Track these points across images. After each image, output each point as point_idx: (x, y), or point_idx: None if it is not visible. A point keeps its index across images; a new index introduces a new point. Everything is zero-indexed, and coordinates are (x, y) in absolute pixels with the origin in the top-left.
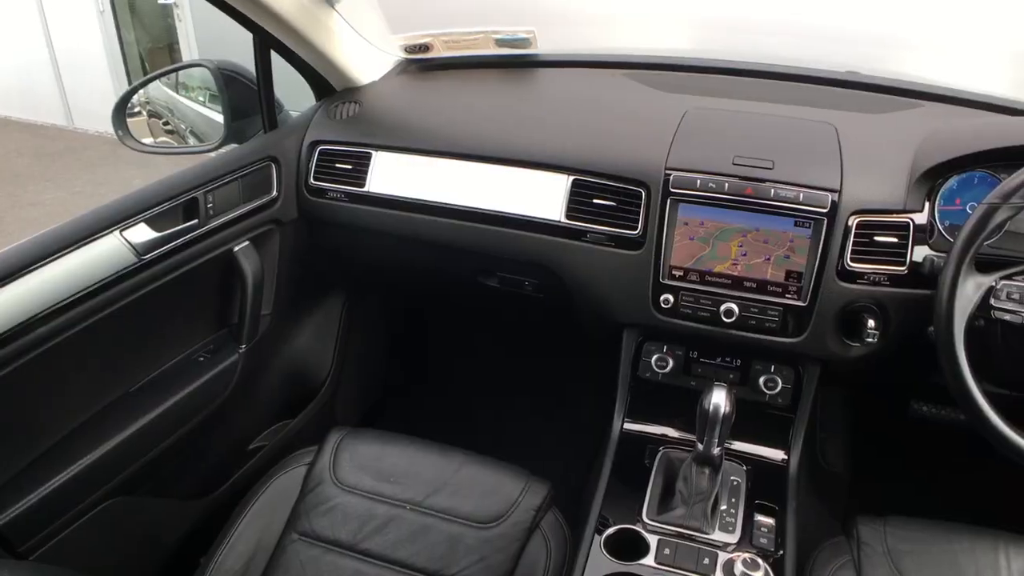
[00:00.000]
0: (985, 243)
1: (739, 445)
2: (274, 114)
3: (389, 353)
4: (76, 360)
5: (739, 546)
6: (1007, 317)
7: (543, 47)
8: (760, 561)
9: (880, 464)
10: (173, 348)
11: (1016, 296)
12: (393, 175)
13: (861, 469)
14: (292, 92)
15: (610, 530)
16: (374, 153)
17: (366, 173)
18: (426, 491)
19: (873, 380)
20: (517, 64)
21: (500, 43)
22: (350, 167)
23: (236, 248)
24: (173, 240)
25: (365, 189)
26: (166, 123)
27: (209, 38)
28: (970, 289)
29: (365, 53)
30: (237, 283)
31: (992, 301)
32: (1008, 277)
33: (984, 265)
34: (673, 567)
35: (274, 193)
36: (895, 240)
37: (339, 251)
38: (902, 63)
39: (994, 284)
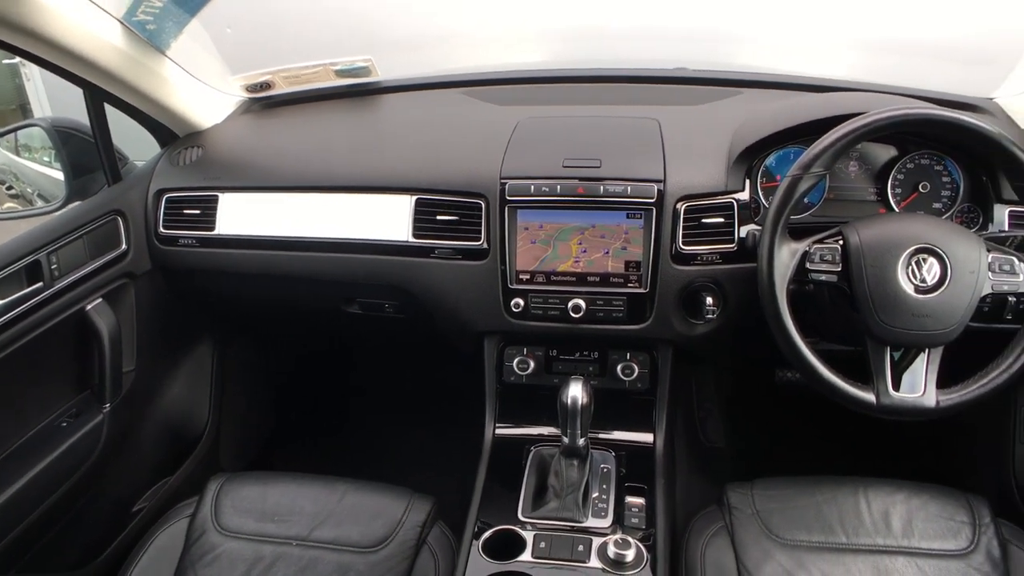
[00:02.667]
0: (808, 212)
1: (607, 434)
2: (116, 167)
3: (271, 393)
4: None
5: (612, 529)
6: (822, 278)
7: (386, 73)
8: (631, 540)
9: (757, 432)
10: (32, 417)
11: (828, 257)
12: (241, 215)
13: (740, 440)
14: None
15: (487, 533)
16: (220, 195)
17: (214, 216)
18: (311, 525)
19: (729, 354)
20: (359, 92)
21: (340, 74)
22: (198, 212)
23: (88, 307)
24: (17, 306)
25: (215, 232)
26: (9, 188)
27: (62, 95)
28: (785, 256)
29: (205, 96)
30: (93, 342)
31: (808, 265)
32: (820, 241)
33: (800, 232)
34: (549, 559)
35: (123, 247)
36: (721, 220)
37: (200, 297)
38: (737, 56)
39: (808, 249)
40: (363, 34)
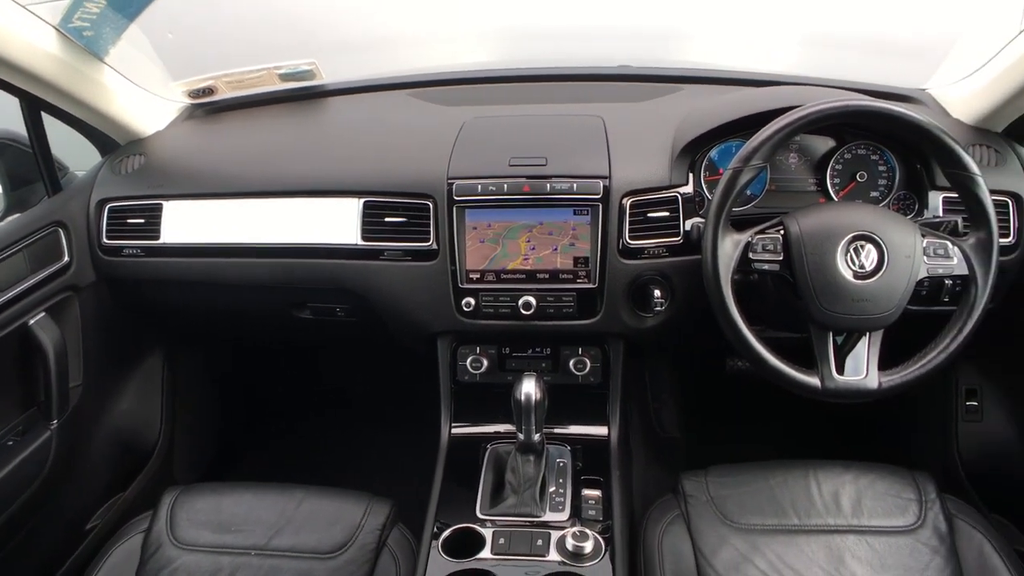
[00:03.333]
0: (751, 204)
1: (562, 428)
2: (56, 177)
3: (225, 401)
4: None
5: (570, 523)
6: (765, 267)
7: (331, 76)
8: (589, 532)
9: (711, 421)
10: None
11: (770, 247)
12: (187, 223)
13: (695, 429)
14: None
15: (446, 532)
16: (164, 203)
17: (159, 225)
18: (269, 533)
19: (680, 346)
20: (304, 96)
21: (284, 77)
22: (142, 221)
23: (31, 321)
24: None
25: (160, 241)
26: None
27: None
28: (729, 247)
29: (146, 103)
30: (38, 358)
31: (750, 255)
32: (762, 231)
33: (743, 224)
34: (509, 555)
35: (66, 259)
36: (667, 214)
37: (148, 307)
38: (679, 52)
39: (750, 239)
40: (307, 37)
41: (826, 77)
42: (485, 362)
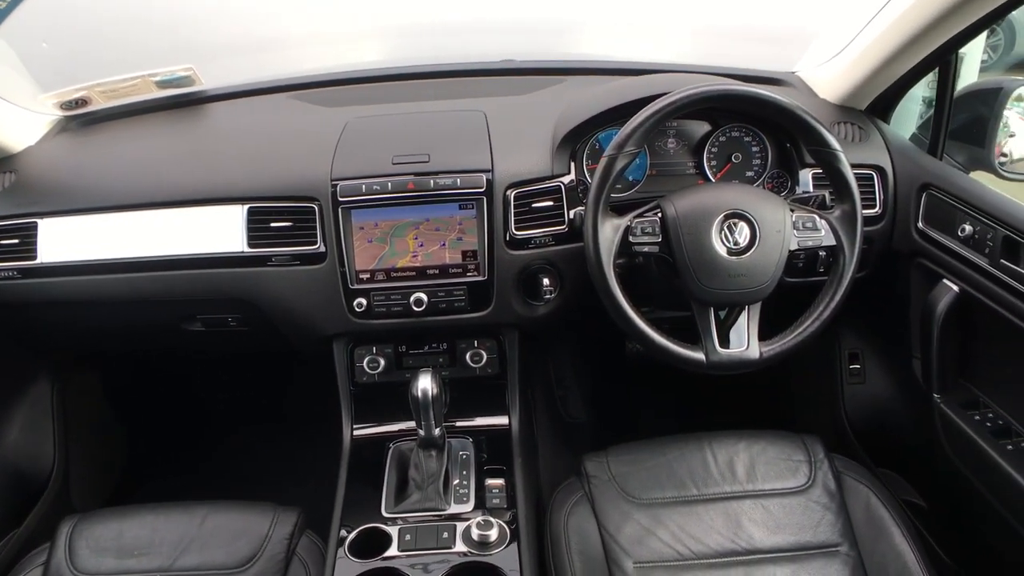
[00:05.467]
0: (633, 189)
1: (465, 421)
2: None
3: (122, 423)
4: None
5: (474, 513)
6: (645, 249)
7: (210, 81)
8: (493, 520)
9: (616, 403)
10: None
11: (649, 229)
12: (65, 241)
13: (601, 413)
14: None
15: (352, 534)
16: (39, 221)
17: (34, 244)
18: (174, 554)
19: (580, 332)
20: (183, 103)
21: (161, 84)
22: (16, 241)
23: None
24: None
25: (37, 262)
26: None
27: None
28: (609, 232)
29: (14, 117)
30: None
31: (631, 238)
32: (640, 215)
33: (625, 208)
34: (416, 550)
35: None
36: (551, 203)
37: (30, 331)
38: (561, 45)
39: (629, 223)
40: (187, 41)
41: (702, 64)
42: (382, 361)
